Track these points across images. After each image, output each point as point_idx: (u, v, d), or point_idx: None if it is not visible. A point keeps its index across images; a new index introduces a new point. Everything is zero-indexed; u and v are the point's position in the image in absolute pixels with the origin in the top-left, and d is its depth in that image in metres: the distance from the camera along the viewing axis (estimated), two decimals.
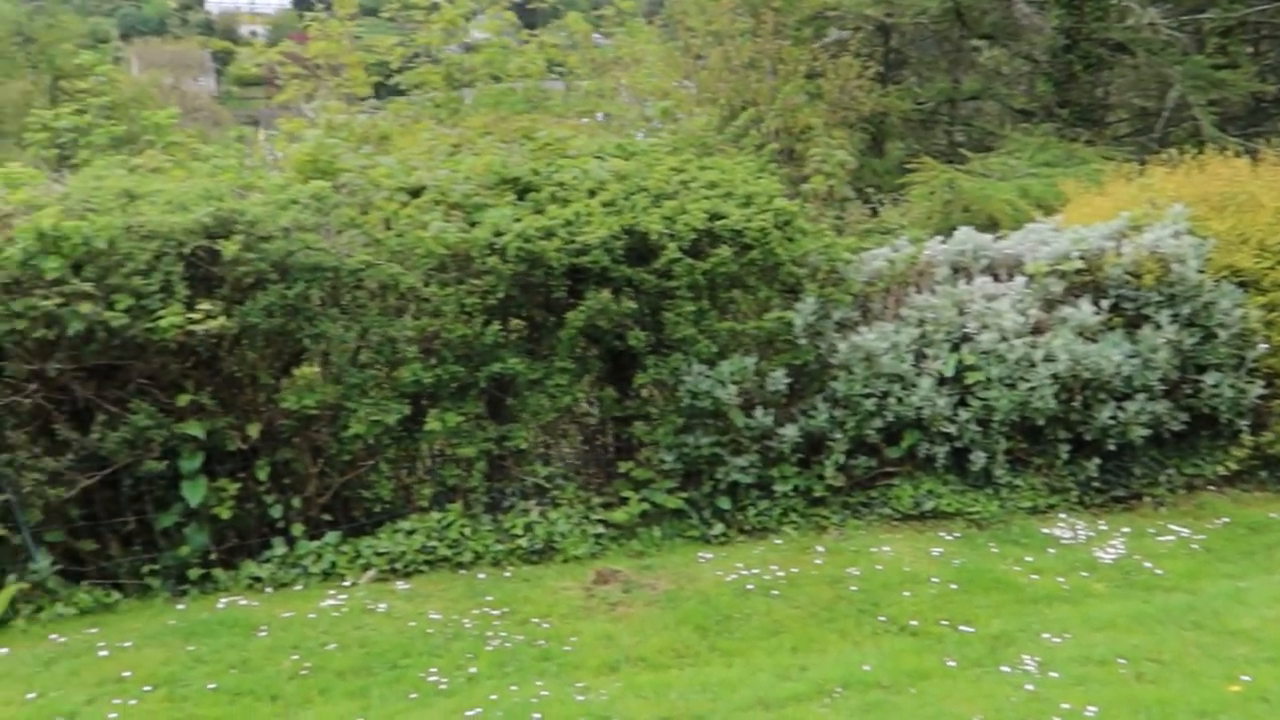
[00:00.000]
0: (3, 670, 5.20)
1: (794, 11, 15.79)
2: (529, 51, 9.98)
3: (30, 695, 4.89)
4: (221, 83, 78.92)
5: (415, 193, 7.11)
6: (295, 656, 5.31)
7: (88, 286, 5.86)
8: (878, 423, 7.54)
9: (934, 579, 6.50)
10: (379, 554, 6.61)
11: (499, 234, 6.77)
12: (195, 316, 5.95)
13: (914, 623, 5.94)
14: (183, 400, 6.22)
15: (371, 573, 6.52)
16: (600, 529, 7.06)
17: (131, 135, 8.93)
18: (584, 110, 9.76)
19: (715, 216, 7.20)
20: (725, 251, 7.08)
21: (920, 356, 7.63)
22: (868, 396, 7.48)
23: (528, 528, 6.91)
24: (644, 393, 7.50)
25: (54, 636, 5.66)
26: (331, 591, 6.23)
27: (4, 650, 5.48)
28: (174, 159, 7.76)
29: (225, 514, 6.35)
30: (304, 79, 9.95)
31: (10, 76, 34.20)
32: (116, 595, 6.20)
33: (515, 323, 7.12)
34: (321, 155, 7.30)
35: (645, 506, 7.20)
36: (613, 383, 7.44)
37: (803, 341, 7.45)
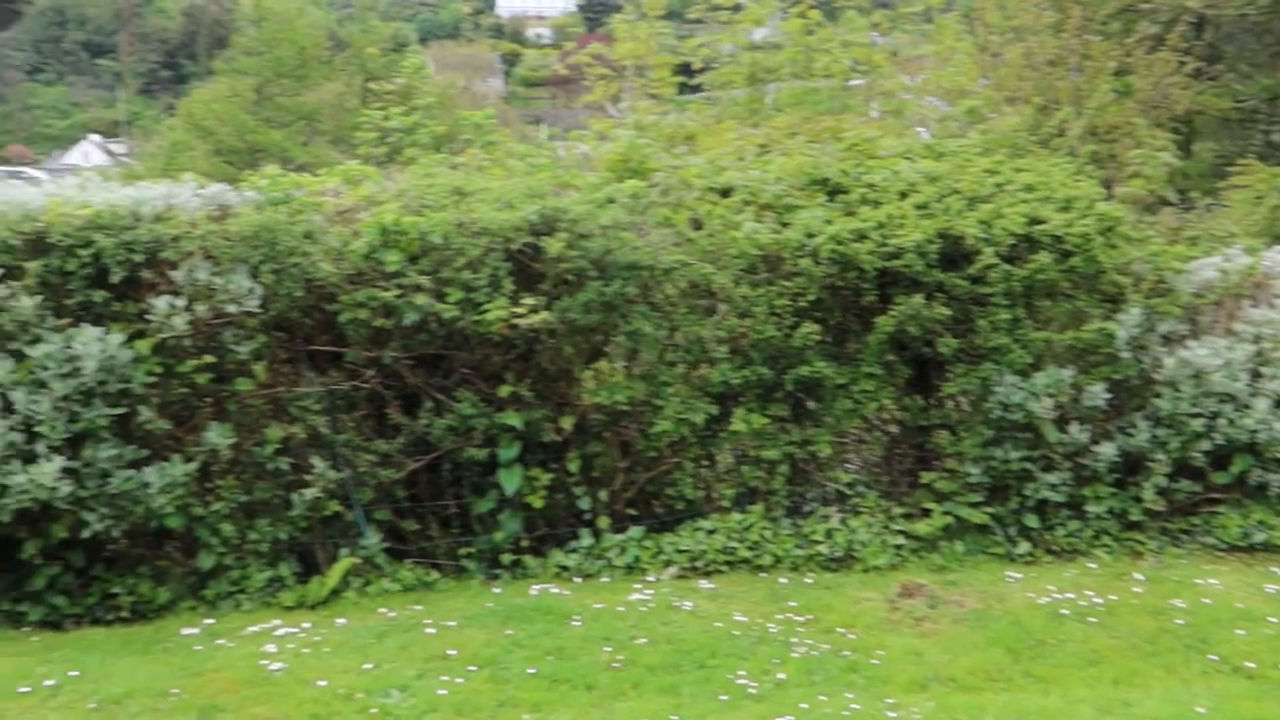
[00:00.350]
0: (340, 639, 5.52)
1: (1102, 5, 15.01)
2: (834, 50, 9.86)
3: (367, 665, 5.17)
4: (508, 83, 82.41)
5: (725, 192, 7.13)
6: (608, 648, 5.40)
7: (423, 279, 6.18)
8: (1205, 445, 7.03)
9: (1270, 619, 6.00)
10: (680, 551, 6.67)
11: (811, 235, 6.70)
12: (519, 311, 6.16)
13: (1250, 665, 5.50)
14: (503, 391, 6.46)
15: (673, 569, 6.58)
16: (900, 540, 6.88)
17: (449, 134, 9.38)
18: (887, 109, 9.56)
19: (1034, 221, 6.89)
20: (1045, 258, 6.76)
21: (1256, 375, 7.07)
22: (1195, 416, 6.99)
23: (828, 534, 6.82)
24: (948, 402, 7.28)
25: (383, 610, 5.98)
26: (636, 586, 6.32)
27: (341, 620, 5.83)
28: (492, 158, 8.09)
29: (537, 503, 6.56)
30: (610, 79, 10.18)
31: (326, 79, 36.81)
32: (435, 574, 6.49)
33: (816, 326, 7.04)
34: (633, 155, 7.43)
35: (948, 520, 6.97)
36: (916, 390, 7.24)
37: (1125, 354, 7.03)
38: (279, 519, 6.30)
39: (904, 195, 7.10)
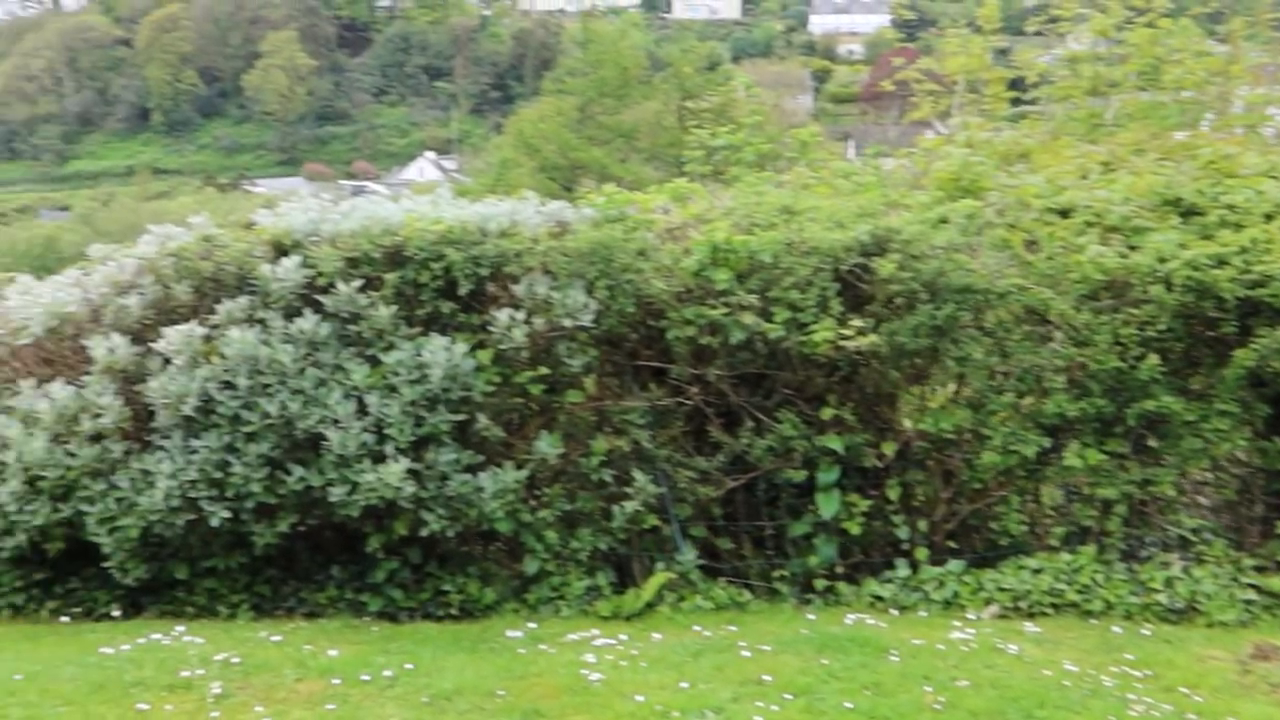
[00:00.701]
0: (656, 655, 5.55)
1: None
2: (1186, 60, 9.18)
3: (683, 684, 5.16)
4: (817, 100, 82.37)
5: (1065, 213, 6.73)
6: (928, 688, 5.18)
7: (751, 298, 6.16)
8: None
9: None
10: (1002, 589, 6.34)
11: (1163, 260, 6.23)
12: (846, 332, 6.05)
13: None
14: (825, 414, 6.36)
15: (994, 608, 6.27)
16: (1252, 595, 6.29)
17: (772, 152, 9.35)
18: (1245, 124, 8.79)
19: None
20: None
21: None
22: None
23: (1168, 583, 6.31)
24: None
25: (696, 628, 5.99)
26: (956, 623, 6.05)
27: (656, 635, 5.88)
28: (818, 176, 7.99)
29: (855, 529, 6.41)
30: (939, 95, 9.88)
31: (645, 98, 37.85)
32: (748, 595, 6.47)
33: (1156, 358, 6.55)
34: (966, 173, 7.15)
35: None
36: (1276, 431, 6.61)
37: None
38: (600, 529, 6.44)
39: (1270, 217, 6.51)
